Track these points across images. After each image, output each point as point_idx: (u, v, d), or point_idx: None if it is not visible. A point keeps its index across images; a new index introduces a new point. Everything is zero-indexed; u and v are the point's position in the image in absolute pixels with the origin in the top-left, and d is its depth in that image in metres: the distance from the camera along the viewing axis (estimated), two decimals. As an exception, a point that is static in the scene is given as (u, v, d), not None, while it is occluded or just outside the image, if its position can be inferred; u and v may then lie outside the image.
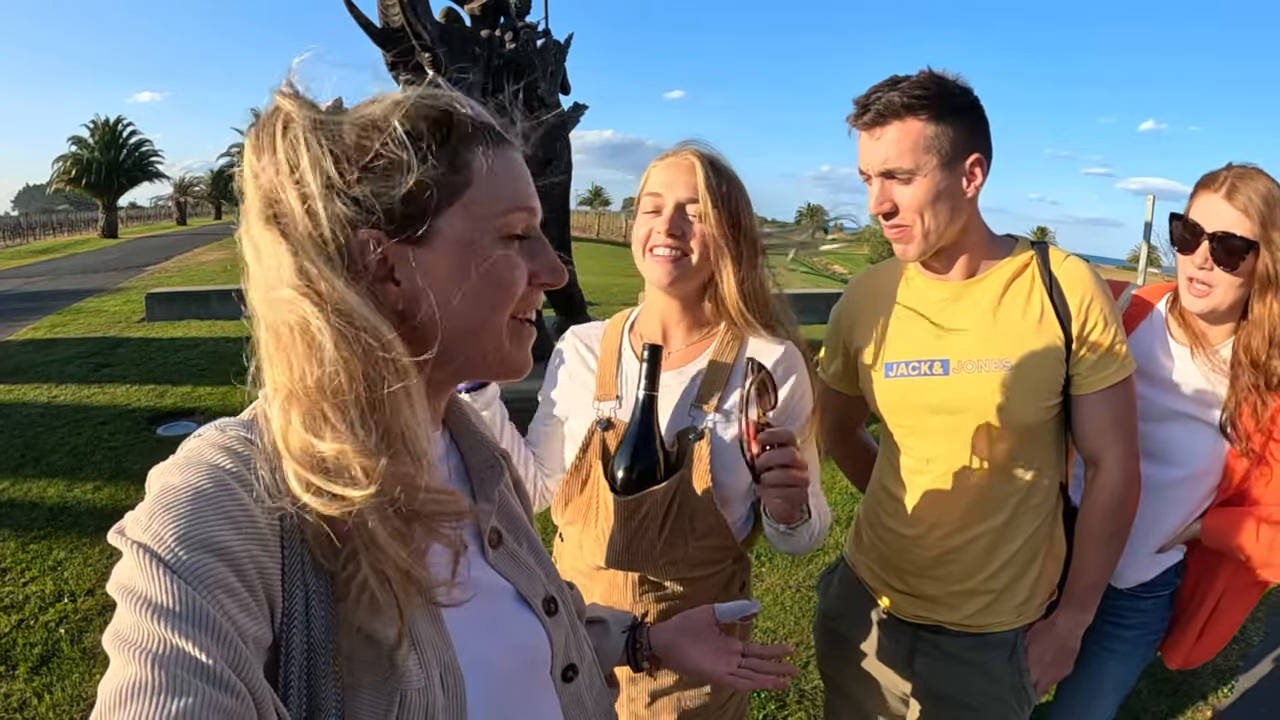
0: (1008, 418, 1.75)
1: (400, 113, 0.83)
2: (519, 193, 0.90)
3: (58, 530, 4.91)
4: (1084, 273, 1.77)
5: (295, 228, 0.78)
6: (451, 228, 0.85)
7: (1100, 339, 1.73)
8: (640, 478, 1.61)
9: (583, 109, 7.80)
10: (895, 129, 1.68)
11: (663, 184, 1.68)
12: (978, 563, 1.82)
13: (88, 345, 10.12)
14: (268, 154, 0.80)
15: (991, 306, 1.78)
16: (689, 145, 1.72)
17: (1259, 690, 3.76)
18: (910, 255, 1.78)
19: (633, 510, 1.62)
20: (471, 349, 0.90)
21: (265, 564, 0.73)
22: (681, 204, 1.66)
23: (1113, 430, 1.78)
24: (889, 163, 1.69)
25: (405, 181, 0.81)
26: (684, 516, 1.65)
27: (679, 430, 1.69)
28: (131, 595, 0.67)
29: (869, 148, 1.73)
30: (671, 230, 1.65)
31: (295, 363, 0.76)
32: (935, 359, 1.80)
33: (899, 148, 1.68)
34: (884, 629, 1.99)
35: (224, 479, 0.75)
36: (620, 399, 1.74)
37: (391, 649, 0.78)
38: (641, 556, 1.66)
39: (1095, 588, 1.87)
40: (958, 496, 1.82)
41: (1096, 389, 1.75)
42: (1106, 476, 1.80)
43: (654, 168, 1.73)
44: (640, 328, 1.83)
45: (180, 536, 0.69)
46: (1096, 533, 1.83)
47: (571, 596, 1.16)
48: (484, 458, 1.07)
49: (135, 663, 0.64)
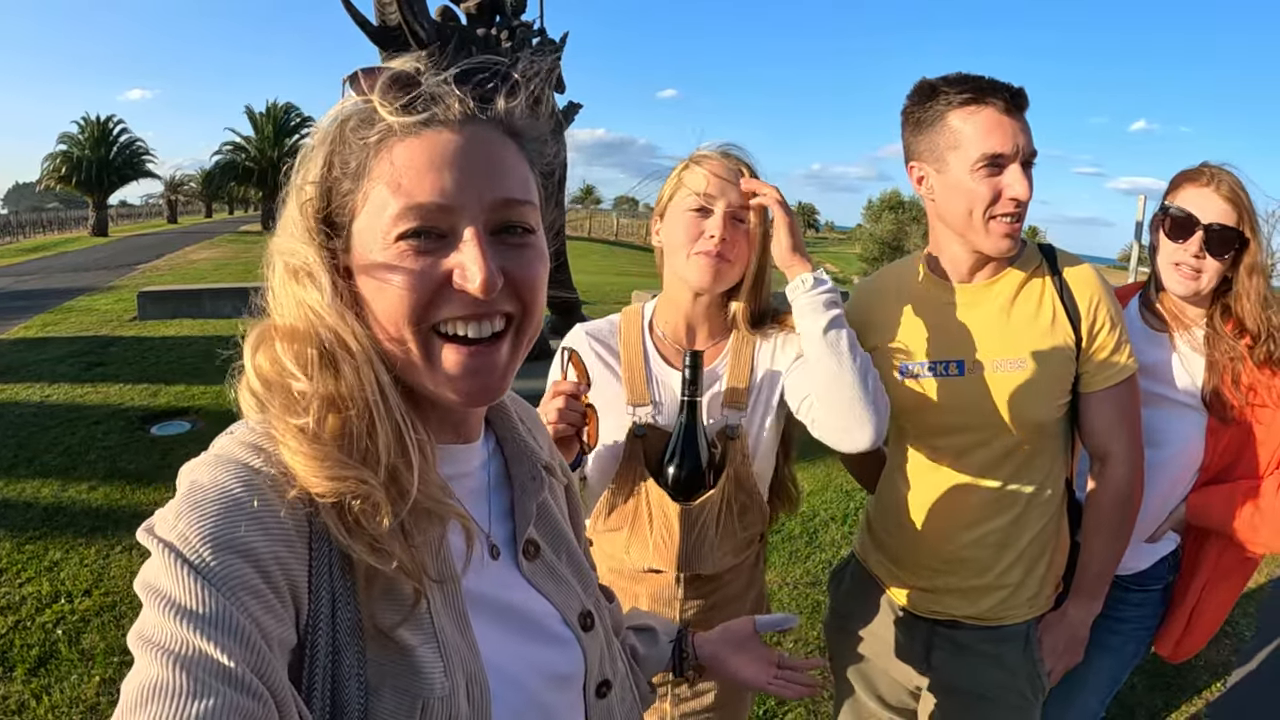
0: (1022, 416, 1.78)
1: (333, 114, 0.85)
2: (425, 185, 0.80)
3: (53, 530, 4.89)
4: (1091, 275, 1.82)
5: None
6: (359, 230, 0.83)
7: (1107, 338, 1.78)
8: (696, 481, 1.68)
9: (578, 107, 7.80)
10: (1026, 119, 1.72)
11: (716, 187, 1.69)
12: (992, 558, 1.86)
13: (80, 344, 10.05)
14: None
15: (1005, 308, 1.82)
16: (736, 149, 1.76)
17: (1252, 685, 3.79)
18: (1014, 248, 1.77)
19: (696, 515, 1.68)
20: (401, 367, 0.85)
21: (291, 565, 0.73)
22: (733, 209, 1.69)
23: (1119, 425, 1.83)
24: (1032, 147, 1.71)
25: (338, 189, 0.84)
26: (734, 511, 1.72)
27: (718, 430, 1.74)
28: (157, 596, 0.67)
29: (1014, 131, 1.70)
30: (725, 233, 1.68)
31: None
32: (951, 360, 1.83)
33: (1030, 136, 1.71)
34: (900, 625, 2.02)
35: (252, 478, 0.75)
36: (656, 404, 1.77)
37: (412, 650, 0.78)
38: (703, 557, 1.72)
39: (1104, 577, 1.91)
40: (972, 494, 1.85)
41: (1104, 386, 1.80)
42: (1114, 470, 1.84)
43: (699, 167, 1.73)
44: (662, 328, 1.85)
45: (206, 537, 0.69)
46: (1105, 524, 1.87)
47: (609, 610, 1.15)
48: (527, 469, 1.05)
49: (158, 663, 0.64)
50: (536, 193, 0.90)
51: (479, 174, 0.82)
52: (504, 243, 0.85)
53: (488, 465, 1.03)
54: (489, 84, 0.87)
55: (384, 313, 0.82)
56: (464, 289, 0.81)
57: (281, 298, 0.84)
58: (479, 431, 1.01)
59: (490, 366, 0.86)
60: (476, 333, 0.84)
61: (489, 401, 0.90)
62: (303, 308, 0.82)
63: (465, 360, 0.84)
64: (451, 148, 0.82)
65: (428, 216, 0.80)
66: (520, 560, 1.00)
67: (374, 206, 0.81)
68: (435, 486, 0.83)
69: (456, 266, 0.81)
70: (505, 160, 0.86)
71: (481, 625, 0.88)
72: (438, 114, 0.83)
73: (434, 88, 0.84)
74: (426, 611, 0.81)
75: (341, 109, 0.85)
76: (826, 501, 5.48)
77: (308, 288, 0.82)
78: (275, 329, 0.83)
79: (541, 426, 1.22)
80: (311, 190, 0.84)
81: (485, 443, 1.03)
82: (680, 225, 1.72)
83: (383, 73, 0.83)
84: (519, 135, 0.89)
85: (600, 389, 1.76)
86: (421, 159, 0.81)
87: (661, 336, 1.84)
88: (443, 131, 0.82)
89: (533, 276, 0.87)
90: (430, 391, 0.86)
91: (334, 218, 0.85)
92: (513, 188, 0.85)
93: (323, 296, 0.81)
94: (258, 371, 0.81)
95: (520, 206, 0.85)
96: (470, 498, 0.97)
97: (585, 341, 1.85)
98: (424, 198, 0.80)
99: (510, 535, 1.01)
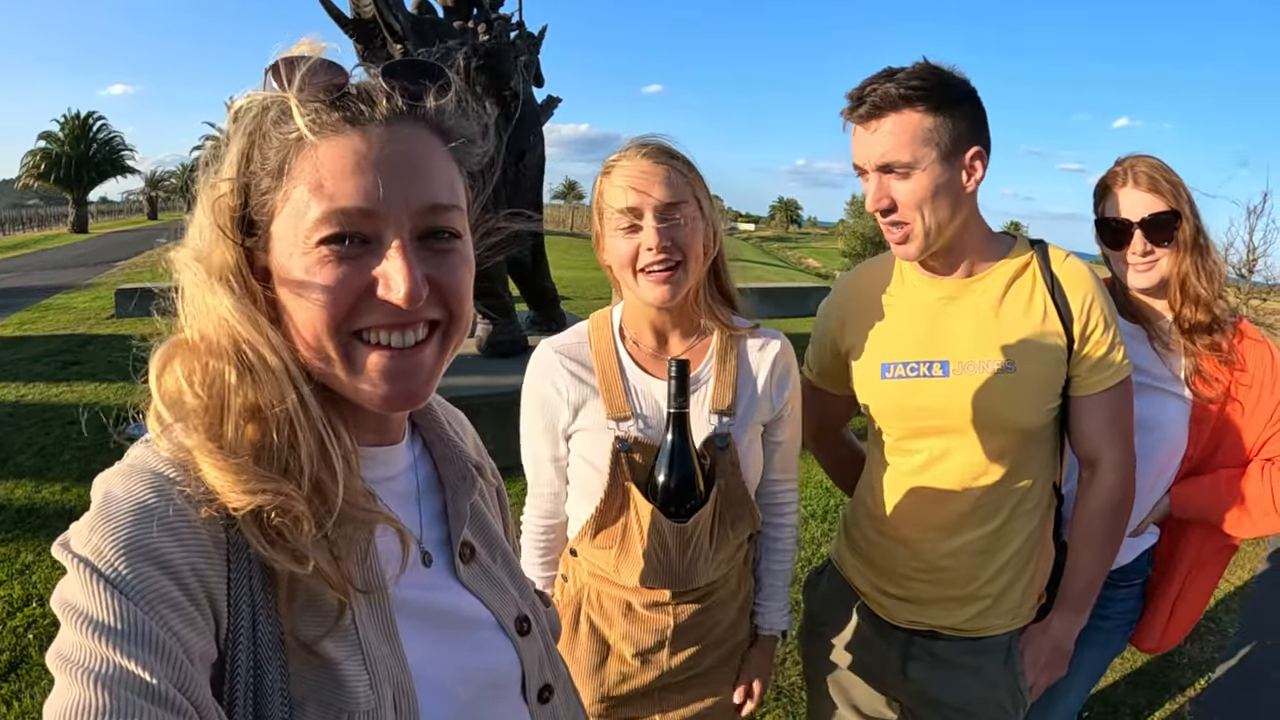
0: (1008, 421, 1.72)
1: (253, 112, 0.80)
2: (348, 188, 0.76)
3: (25, 533, 4.80)
4: (1085, 273, 1.74)
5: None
6: (278, 232, 0.79)
7: (1101, 340, 1.71)
8: (686, 495, 1.58)
9: (556, 102, 7.76)
10: (892, 121, 1.62)
11: (636, 195, 1.54)
12: (975, 568, 1.79)
13: (56, 343, 9.93)
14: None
15: (992, 306, 1.74)
16: (645, 143, 1.60)
17: (1234, 682, 3.79)
18: (910, 254, 1.72)
19: (690, 531, 1.58)
20: (320, 372, 0.82)
21: (208, 576, 0.71)
22: (661, 210, 1.54)
23: (1111, 431, 1.75)
24: (886, 156, 1.63)
25: (257, 187, 0.80)
26: (727, 522, 1.65)
27: (706, 440, 1.65)
28: (74, 613, 0.65)
29: (865, 141, 1.66)
30: (662, 244, 1.53)
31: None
32: (934, 360, 1.76)
33: (896, 140, 1.62)
34: (875, 633, 1.95)
35: (166, 488, 0.72)
36: (638, 416, 1.65)
37: (336, 664, 0.75)
38: (697, 572, 1.64)
39: (1091, 590, 1.85)
40: (954, 501, 1.78)
41: (1096, 390, 1.72)
42: (1104, 478, 1.78)
43: (611, 178, 1.58)
44: (634, 335, 1.72)
45: (120, 550, 0.67)
46: (1093, 535, 1.80)
47: (546, 615, 1.11)
48: (457, 469, 1.03)
49: (79, 683, 0.62)
50: (464, 196, 0.87)
51: (405, 178, 0.79)
52: (429, 249, 0.81)
53: (415, 468, 1.00)
54: (419, 79, 0.83)
55: (303, 321, 0.79)
56: (387, 299, 0.78)
57: (191, 307, 0.80)
58: (402, 432, 0.98)
59: (414, 370, 0.83)
60: (400, 342, 0.81)
61: (413, 406, 0.86)
62: (213, 317, 0.78)
63: (388, 364, 0.81)
64: (377, 149, 0.78)
65: (350, 222, 0.77)
66: (456, 564, 0.98)
67: (294, 208, 0.77)
68: (359, 494, 0.80)
69: (381, 276, 0.78)
70: (433, 163, 0.82)
71: (411, 633, 0.86)
72: (364, 112, 0.79)
73: (362, 83, 0.81)
74: (351, 623, 0.78)
75: (263, 99, 0.80)
76: (806, 498, 5.44)
77: (220, 295, 0.78)
78: (185, 344, 0.80)
79: (468, 426, 1.19)
80: (227, 187, 0.80)
81: (411, 445, 1.01)
82: (615, 248, 1.59)
83: (306, 63, 0.79)
84: (448, 134, 0.85)
85: (579, 408, 1.67)
86: (346, 160, 0.77)
87: (634, 344, 1.72)
88: (369, 130, 0.79)
89: (458, 283, 0.84)
90: (351, 395, 0.83)
91: (252, 216, 0.80)
92: (439, 192, 0.82)
93: (235, 305, 0.77)
94: (165, 397, 0.79)
95: (447, 212, 0.82)
96: (398, 501, 0.94)
97: (556, 361, 1.70)
98: (347, 202, 0.76)
99: (443, 538, 0.99)
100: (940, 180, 1.63)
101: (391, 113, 0.80)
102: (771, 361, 1.73)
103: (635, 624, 1.70)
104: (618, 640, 1.71)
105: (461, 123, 0.87)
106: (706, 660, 1.75)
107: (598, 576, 1.72)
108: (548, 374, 1.69)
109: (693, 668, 1.73)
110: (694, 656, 1.72)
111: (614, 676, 1.72)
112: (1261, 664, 3.93)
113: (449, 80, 0.85)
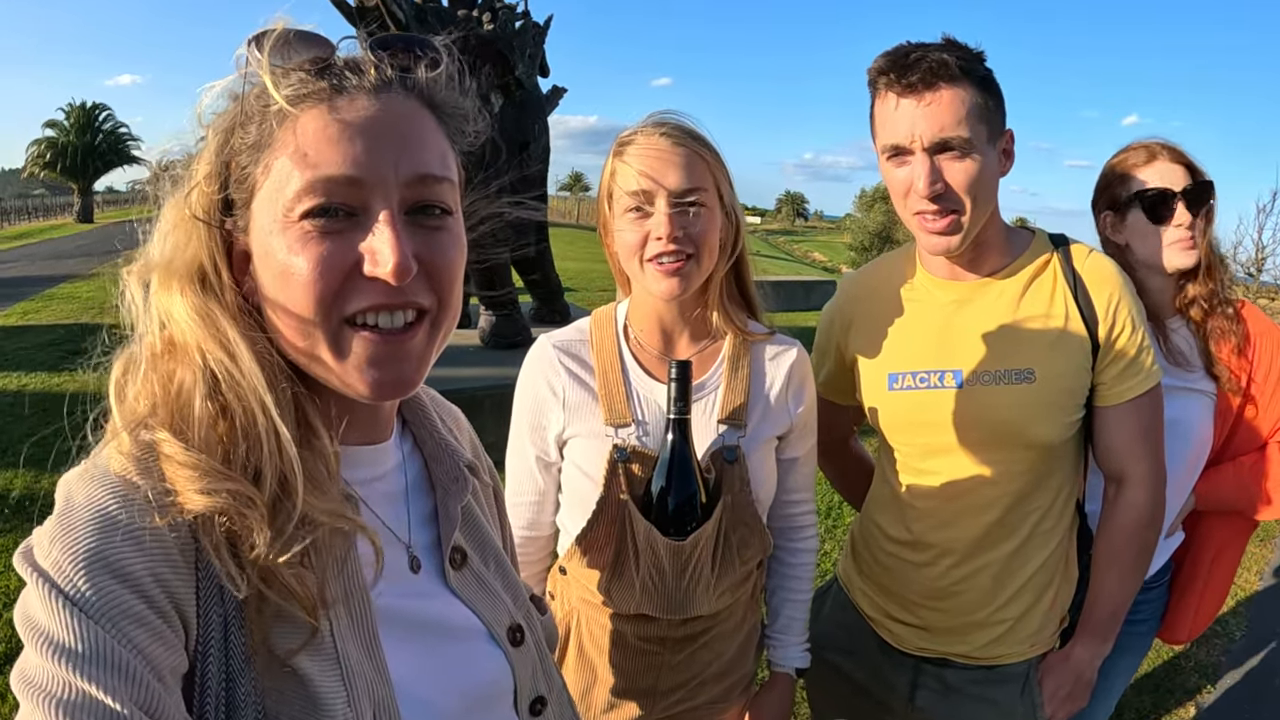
0: (1027, 435, 1.58)
1: (232, 89, 0.77)
2: (333, 155, 0.72)
3: (25, 523, 4.76)
4: (1111, 270, 1.60)
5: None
6: (259, 207, 0.75)
7: (1129, 344, 1.56)
8: (685, 510, 1.43)
9: (562, 92, 7.70)
10: (949, 94, 1.44)
11: (650, 178, 1.41)
12: (990, 592, 1.65)
13: (59, 332, 9.93)
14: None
15: (1010, 310, 1.60)
16: (663, 121, 1.46)
17: (1242, 684, 3.75)
18: (954, 246, 1.54)
19: (690, 552, 1.43)
20: (305, 360, 0.78)
21: (175, 585, 0.67)
22: (676, 196, 1.41)
23: (1140, 444, 1.61)
24: (945, 131, 1.45)
25: (236, 163, 0.76)
26: (732, 544, 1.50)
27: (713, 451, 1.50)
28: (36, 633, 0.62)
29: (913, 115, 1.47)
30: (674, 233, 1.40)
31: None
32: (946, 370, 1.62)
33: (956, 115, 1.44)
34: (882, 659, 1.83)
35: (129, 492, 0.68)
36: (640, 424, 1.51)
37: (311, 679, 0.71)
38: (697, 600, 1.49)
39: (1116, 616, 1.71)
40: (969, 521, 1.64)
41: (1124, 399, 1.58)
42: (1132, 495, 1.63)
43: (625, 156, 1.45)
44: (639, 336, 1.58)
45: (80, 563, 0.63)
46: (1119, 557, 1.66)
47: (542, 623, 1.06)
48: (448, 469, 0.97)
49: (41, 710, 0.59)
50: (456, 171, 0.81)
51: (394, 145, 0.74)
52: (419, 225, 0.76)
53: (404, 467, 0.95)
54: (409, 50, 0.78)
55: (287, 305, 0.74)
56: (374, 274, 0.73)
57: (157, 309, 0.77)
58: (390, 430, 0.93)
59: (403, 354, 0.78)
60: (389, 323, 0.76)
61: (401, 394, 0.81)
62: (179, 317, 0.74)
63: (375, 348, 0.76)
64: (364, 116, 0.74)
65: (335, 191, 0.72)
66: (446, 570, 0.93)
67: (276, 181, 0.73)
68: (335, 500, 0.75)
69: (367, 251, 0.73)
70: (423, 133, 0.77)
71: (396, 645, 0.81)
72: (351, 79, 0.74)
73: (349, 54, 0.76)
74: (329, 635, 0.73)
75: (242, 72, 0.76)
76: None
77: (187, 295, 0.74)
78: (148, 356, 0.76)
79: (464, 423, 1.12)
80: (205, 170, 0.76)
81: (400, 443, 0.96)
82: (623, 231, 1.46)
83: (287, 35, 0.74)
84: (439, 108, 0.81)
85: (576, 411, 1.53)
86: (331, 128, 0.73)
87: (639, 344, 1.58)
88: (356, 98, 0.74)
89: (449, 265, 0.79)
90: (336, 385, 0.78)
91: (231, 196, 0.76)
92: (430, 162, 0.77)
93: (199, 307, 0.73)
94: (124, 409, 0.75)
95: (438, 184, 0.77)
96: (386, 502, 0.90)
97: (554, 357, 1.56)
98: (332, 170, 0.72)
99: (433, 542, 0.94)
100: (989, 164, 1.50)
101: (380, 81, 0.76)
102: (787, 371, 1.59)
103: (627, 655, 1.57)
104: (606, 670, 1.59)
105: (454, 98, 0.83)
106: (702, 696, 1.63)
107: (588, 603, 1.58)
108: (544, 372, 1.56)
109: (687, 701, 1.63)
110: (690, 691, 1.62)
111: (601, 704, 1.60)
112: (1269, 668, 3.88)
113: (440, 55, 0.81)
